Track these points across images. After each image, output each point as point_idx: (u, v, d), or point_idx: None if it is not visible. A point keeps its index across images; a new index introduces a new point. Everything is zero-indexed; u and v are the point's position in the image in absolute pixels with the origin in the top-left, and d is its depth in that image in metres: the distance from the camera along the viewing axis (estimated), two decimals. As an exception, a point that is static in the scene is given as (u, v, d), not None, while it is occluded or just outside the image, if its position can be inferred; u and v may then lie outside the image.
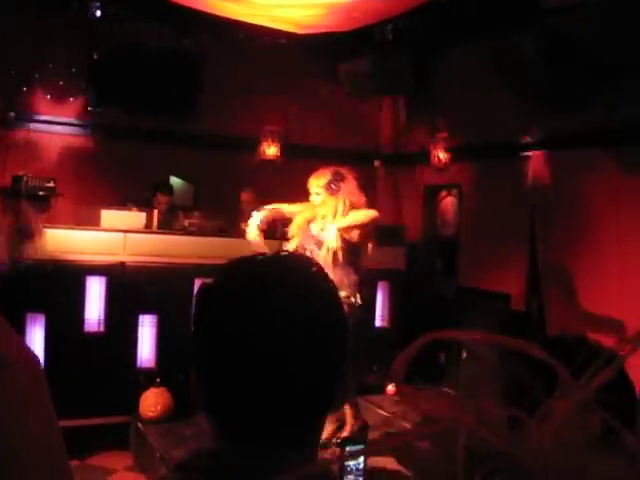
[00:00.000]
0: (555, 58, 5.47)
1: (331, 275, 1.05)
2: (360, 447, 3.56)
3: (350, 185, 4.75)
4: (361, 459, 3.61)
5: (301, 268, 0.99)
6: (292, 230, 4.83)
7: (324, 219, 4.70)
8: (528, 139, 6.29)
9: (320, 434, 1.01)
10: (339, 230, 4.61)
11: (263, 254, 1.02)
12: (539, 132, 6.13)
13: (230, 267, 1.01)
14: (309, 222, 4.79)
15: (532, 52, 5.69)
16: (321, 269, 1.01)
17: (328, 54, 6.75)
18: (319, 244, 4.73)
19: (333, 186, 4.65)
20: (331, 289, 1.01)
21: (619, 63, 5.33)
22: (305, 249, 4.75)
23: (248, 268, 0.99)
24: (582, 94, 5.56)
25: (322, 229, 4.73)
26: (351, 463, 3.57)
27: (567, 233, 5.95)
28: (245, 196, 7.04)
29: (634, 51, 5.15)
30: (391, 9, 4.44)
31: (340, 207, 4.66)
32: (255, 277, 0.96)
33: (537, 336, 6.21)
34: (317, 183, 4.69)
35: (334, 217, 4.65)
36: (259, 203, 6.91)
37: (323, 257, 4.57)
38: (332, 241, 4.59)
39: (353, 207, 4.68)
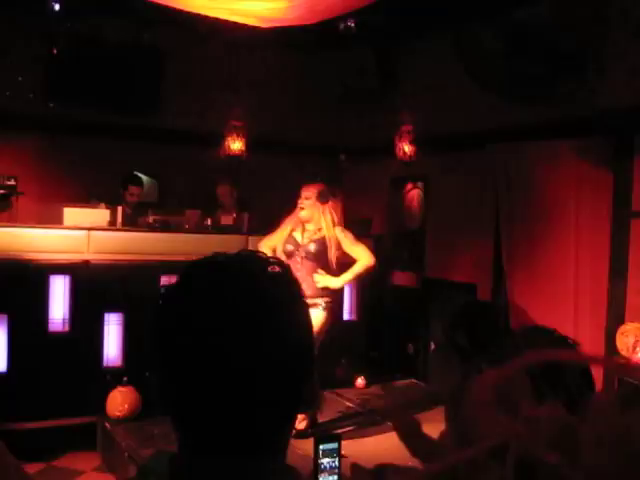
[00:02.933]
0: (517, 49, 5.52)
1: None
2: (334, 445, 3.54)
3: (336, 205, 5.19)
4: (336, 457, 3.59)
5: (263, 269, 0.97)
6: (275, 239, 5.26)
7: (309, 224, 5.09)
8: (492, 131, 6.33)
9: (289, 437, 1.00)
10: (330, 239, 5.08)
11: (224, 254, 1.01)
12: (503, 123, 6.18)
13: (191, 271, 0.98)
14: (292, 231, 5.17)
15: (494, 43, 5.74)
16: (285, 268, 1.00)
17: (292, 47, 6.73)
18: (302, 250, 5.06)
19: (323, 196, 5.06)
20: (295, 289, 0.99)
21: (580, 54, 5.40)
22: (286, 252, 5.09)
23: (209, 272, 0.97)
24: (544, 85, 5.62)
25: (310, 238, 5.08)
26: (325, 461, 3.56)
27: (530, 223, 6.02)
28: (222, 189, 6.99)
29: (594, 42, 5.23)
30: (354, 2, 4.43)
31: (327, 218, 5.07)
32: (216, 282, 0.94)
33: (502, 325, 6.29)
34: (311, 189, 5.09)
35: (325, 224, 5.08)
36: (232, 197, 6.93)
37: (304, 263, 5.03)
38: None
39: (334, 224, 5.11)
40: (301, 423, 5.11)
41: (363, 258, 5.20)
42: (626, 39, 5.21)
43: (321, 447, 3.33)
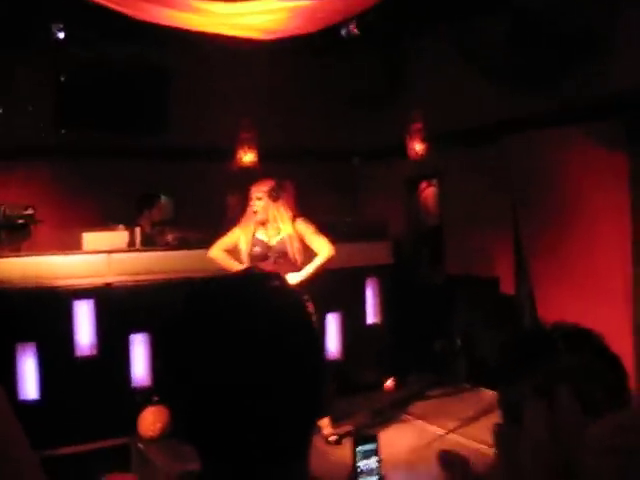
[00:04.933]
0: (522, 39, 5.48)
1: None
2: (372, 446, 3.49)
3: (288, 198, 5.18)
4: (373, 459, 3.54)
5: (266, 288, 0.97)
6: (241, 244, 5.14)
7: (267, 224, 5.04)
8: (502, 122, 6.30)
9: (310, 443, 1.00)
10: (290, 237, 5.01)
11: (229, 276, 1.02)
12: (513, 114, 6.14)
13: (198, 295, 0.98)
14: (254, 233, 5.09)
15: (498, 34, 5.71)
16: (285, 283, 1.00)
17: (297, 54, 6.74)
18: (274, 251, 5.03)
19: (274, 193, 4.98)
20: (300, 304, 1.00)
21: (588, 36, 5.35)
22: (255, 255, 5.04)
23: (217, 295, 0.97)
24: (551, 72, 5.58)
25: (277, 239, 5.04)
26: (363, 463, 3.52)
27: (548, 212, 5.98)
28: (232, 200, 7.00)
29: (599, 27, 5.18)
30: (354, 7, 4.43)
31: (283, 214, 5.02)
32: (223, 308, 0.93)
33: (527, 319, 6.25)
34: (261, 188, 5.00)
35: (282, 222, 5.01)
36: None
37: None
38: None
39: (293, 219, 5.07)
40: (326, 429, 5.11)
41: (324, 249, 5.09)
42: (636, 19, 5.15)
43: (359, 449, 3.28)
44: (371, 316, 6.86)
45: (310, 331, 0.98)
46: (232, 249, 5.20)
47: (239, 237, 5.13)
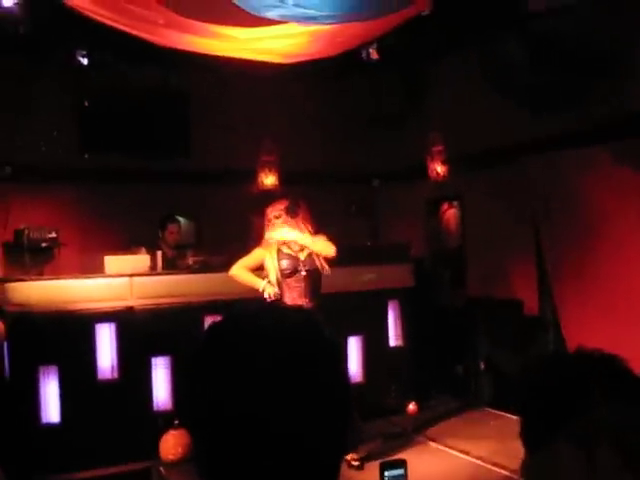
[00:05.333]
0: (542, 60, 5.47)
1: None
2: (400, 471, 3.38)
3: (306, 214, 5.11)
4: None
5: (290, 322, 0.95)
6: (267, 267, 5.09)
7: (290, 241, 5.02)
8: (524, 144, 6.27)
9: (338, 476, 0.98)
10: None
11: (254, 311, 0.99)
12: (534, 135, 6.11)
13: (220, 330, 0.96)
14: (278, 250, 5.06)
15: (519, 56, 5.70)
16: (313, 320, 0.98)
17: (317, 76, 6.77)
18: (299, 263, 5.01)
19: (291, 210, 4.99)
20: (326, 337, 0.96)
21: (609, 57, 5.33)
22: (286, 270, 4.99)
23: (240, 330, 0.94)
24: (572, 93, 5.55)
25: (297, 250, 5.03)
26: None
27: (571, 234, 5.92)
28: (257, 222, 7.00)
29: (618, 46, 5.16)
30: (374, 31, 4.45)
31: (303, 229, 5.01)
32: (250, 340, 0.91)
33: (552, 341, 6.17)
34: (277, 207, 5.03)
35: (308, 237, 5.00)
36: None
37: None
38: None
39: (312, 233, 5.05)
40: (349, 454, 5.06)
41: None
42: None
43: (387, 474, 3.19)
44: (393, 339, 6.80)
45: (335, 364, 0.95)
46: (255, 269, 5.19)
47: (263, 256, 5.12)
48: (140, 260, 5.90)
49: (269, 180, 7.14)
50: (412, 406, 6.53)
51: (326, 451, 0.92)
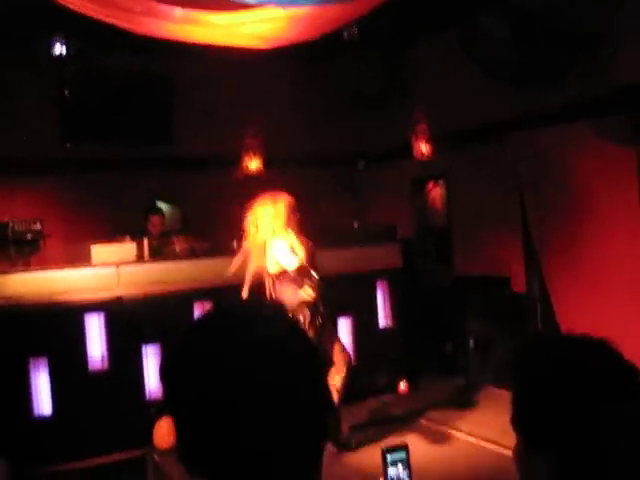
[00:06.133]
0: (523, 37, 5.45)
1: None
2: (402, 454, 3.38)
3: (289, 211, 4.99)
4: (406, 468, 3.43)
5: (266, 320, 0.98)
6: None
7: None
8: (508, 121, 6.27)
9: (321, 466, 0.99)
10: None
11: (230, 308, 1.01)
12: (518, 112, 6.11)
13: (198, 329, 0.99)
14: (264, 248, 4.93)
15: (500, 33, 5.68)
16: (287, 315, 1.02)
17: (298, 59, 6.73)
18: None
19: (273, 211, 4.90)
20: (302, 335, 1.00)
21: (591, 33, 5.32)
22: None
23: (218, 329, 0.97)
24: (555, 70, 5.55)
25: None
26: (392, 472, 3.43)
27: (558, 209, 5.95)
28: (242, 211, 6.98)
29: (601, 23, 5.15)
30: (354, 12, 4.40)
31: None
32: (227, 338, 0.94)
33: (541, 318, 6.22)
34: (260, 208, 4.93)
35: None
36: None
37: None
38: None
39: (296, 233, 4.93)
40: (341, 434, 5.09)
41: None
42: (635, 14, 5.12)
43: (389, 457, 3.18)
44: (382, 319, 6.84)
45: (311, 361, 0.98)
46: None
47: (260, 265, 4.96)
48: (127, 249, 5.88)
49: (253, 164, 7.10)
50: (403, 385, 6.58)
51: (306, 437, 0.94)
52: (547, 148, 5.98)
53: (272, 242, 4.89)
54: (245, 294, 4.88)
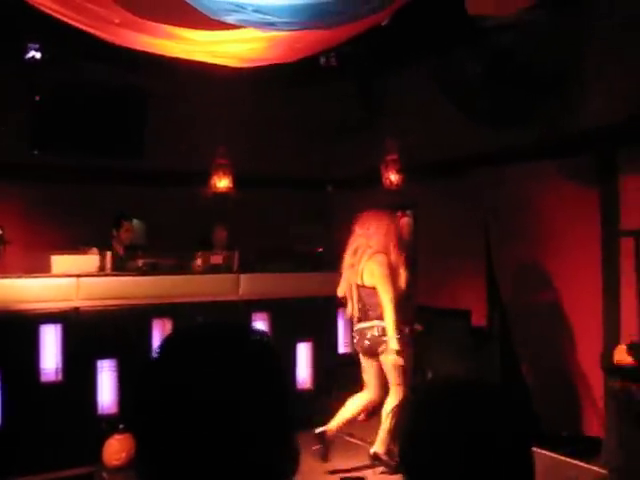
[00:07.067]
0: (497, 74, 5.57)
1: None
2: None
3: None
4: None
5: (242, 343, 0.99)
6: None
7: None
8: (476, 156, 6.37)
9: None
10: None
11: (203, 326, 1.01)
12: (487, 148, 6.21)
13: (168, 348, 0.99)
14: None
15: (474, 70, 5.79)
16: (264, 338, 1.01)
17: (275, 82, 6.76)
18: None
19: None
20: (275, 361, 1.00)
21: (559, 75, 5.45)
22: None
23: (192, 348, 0.97)
24: (524, 109, 5.66)
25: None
26: None
27: (520, 246, 6.03)
28: (219, 233, 6.96)
29: (573, 63, 5.28)
30: (333, 38, 4.45)
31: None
32: (196, 364, 0.94)
33: (499, 349, 6.27)
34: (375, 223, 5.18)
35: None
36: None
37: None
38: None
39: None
40: None
41: None
42: (603, 58, 5.26)
43: None
44: (342, 346, 6.82)
45: (281, 386, 0.99)
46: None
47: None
48: (88, 260, 5.79)
49: (223, 183, 7.09)
50: (362, 414, 6.54)
51: (266, 461, 0.94)
52: (513, 184, 6.09)
53: (380, 256, 5.01)
54: (354, 310, 5.11)
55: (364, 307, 5.06)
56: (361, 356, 5.15)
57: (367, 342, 5.01)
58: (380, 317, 4.90)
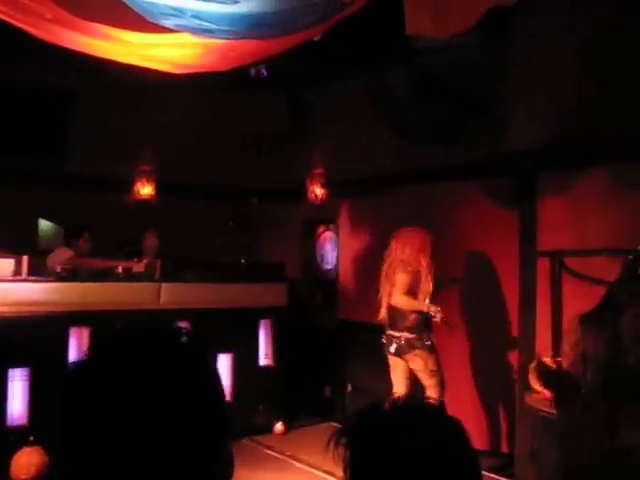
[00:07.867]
0: (425, 93, 5.70)
1: None
2: None
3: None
4: None
5: (173, 345, 0.98)
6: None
7: None
8: (401, 173, 6.48)
9: None
10: None
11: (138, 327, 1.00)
12: (412, 166, 6.33)
13: (103, 347, 0.97)
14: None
15: (403, 89, 5.91)
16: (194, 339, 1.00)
17: (204, 90, 6.70)
18: None
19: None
20: (209, 365, 1.01)
21: (485, 98, 5.63)
22: None
23: (123, 350, 0.95)
24: (451, 129, 5.82)
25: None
26: None
27: (445, 262, 6.16)
28: (150, 240, 6.79)
29: (498, 86, 5.46)
30: (266, 50, 4.44)
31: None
32: (123, 369, 0.92)
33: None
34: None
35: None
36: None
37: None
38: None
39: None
40: None
41: None
42: (526, 82, 5.46)
43: None
44: (263, 358, 6.78)
45: (216, 391, 0.99)
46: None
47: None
48: (3, 264, 5.54)
49: (145, 190, 6.93)
50: (279, 426, 6.53)
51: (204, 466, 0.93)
52: (435, 203, 6.22)
53: (407, 266, 5.33)
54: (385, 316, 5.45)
55: (394, 315, 5.40)
56: (389, 356, 5.45)
57: (393, 349, 5.38)
58: (407, 329, 5.30)
